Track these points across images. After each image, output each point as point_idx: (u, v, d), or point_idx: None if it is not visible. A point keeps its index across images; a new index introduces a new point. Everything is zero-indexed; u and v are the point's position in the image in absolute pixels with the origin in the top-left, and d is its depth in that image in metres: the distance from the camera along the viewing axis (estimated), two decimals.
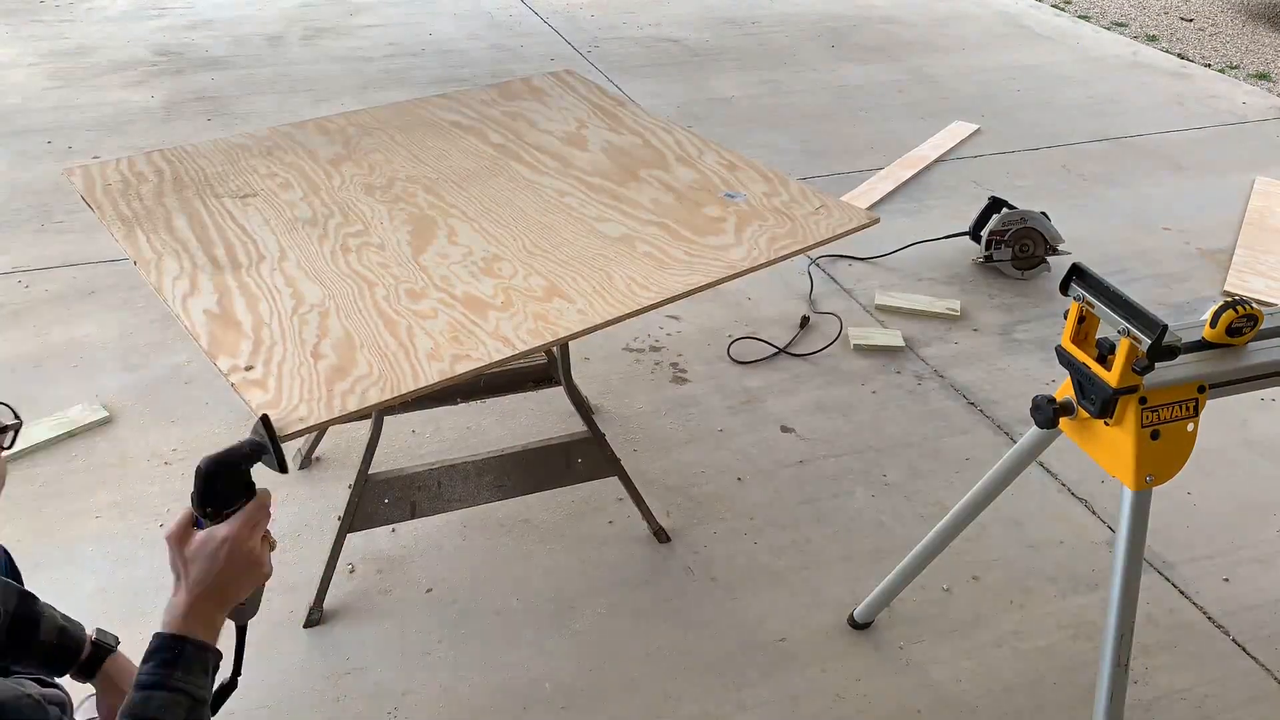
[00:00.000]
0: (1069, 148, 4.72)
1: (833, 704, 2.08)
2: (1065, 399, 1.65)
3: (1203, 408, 1.60)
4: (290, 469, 2.60)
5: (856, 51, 5.83)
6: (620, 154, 2.37)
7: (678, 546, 2.44)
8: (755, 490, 2.62)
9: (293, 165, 2.27)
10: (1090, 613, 2.30)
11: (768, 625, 2.25)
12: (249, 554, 1.22)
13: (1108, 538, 2.51)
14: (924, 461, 2.74)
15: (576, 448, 2.30)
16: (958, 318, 3.37)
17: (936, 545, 2.02)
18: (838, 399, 2.97)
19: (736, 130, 4.69)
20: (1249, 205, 4.21)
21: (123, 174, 2.20)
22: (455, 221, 2.07)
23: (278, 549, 1.35)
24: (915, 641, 2.22)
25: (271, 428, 1.32)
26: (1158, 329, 1.44)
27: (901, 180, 4.28)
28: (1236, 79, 5.81)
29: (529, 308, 1.79)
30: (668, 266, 1.93)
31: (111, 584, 2.27)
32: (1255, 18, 7.11)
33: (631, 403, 2.91)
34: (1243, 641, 2.26)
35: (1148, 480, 1.58)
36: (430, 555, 2.38)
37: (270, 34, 5.73)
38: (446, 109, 2.58)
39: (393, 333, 1.71)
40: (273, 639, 2.16)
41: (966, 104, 5.16)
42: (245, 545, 1.21)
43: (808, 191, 2.23)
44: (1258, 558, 2.49)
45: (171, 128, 4.51)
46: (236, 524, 1.21)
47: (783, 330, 3.26)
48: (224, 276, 1.86)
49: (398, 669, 2.11)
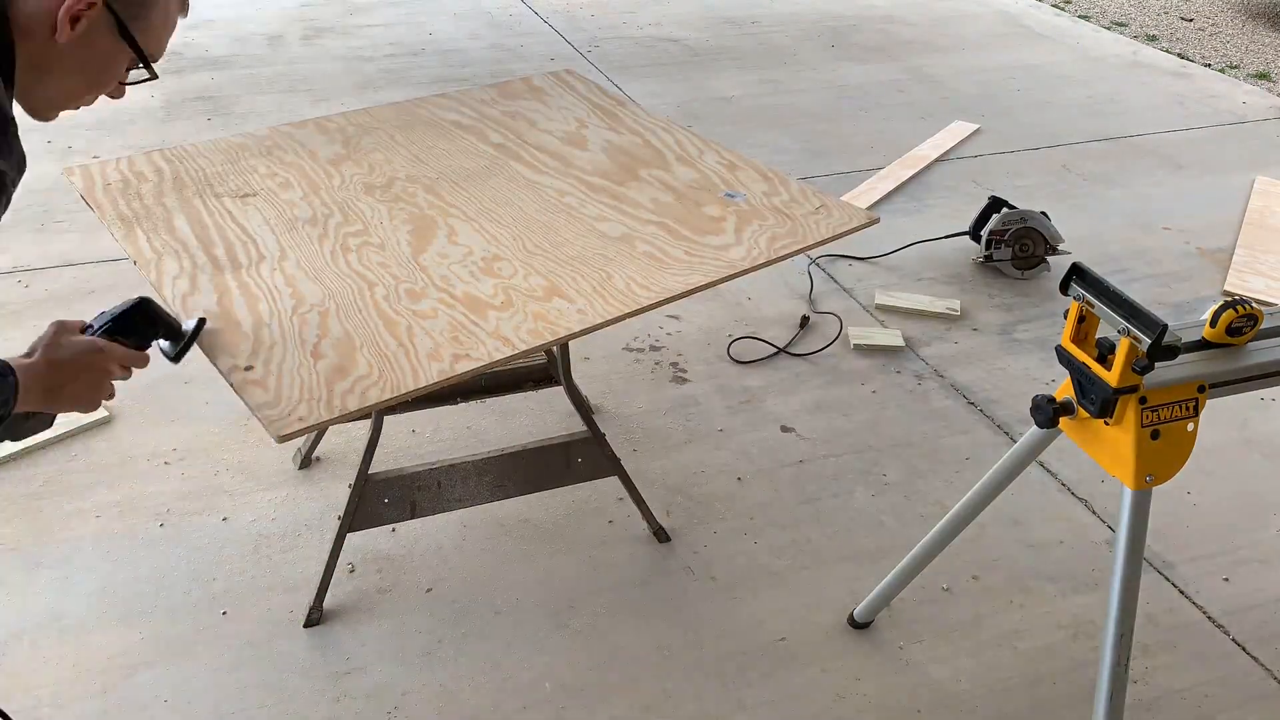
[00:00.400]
0: (1069, 147, 4.71)
1: (833, 704, 2.08)
2: (1065, 399, 1.65)
3: (1203, 407, 1.60)
4: (290, 469, 2.60)
5: (856, 51, 5.83)
6: (620, 153, 2.37)
7: (678, 546, 2.44)
8: (755, 490, 2.62)
9: (293, 165, 2.27)
10: (1090, 613, 2.30)
11: (768, 625, 2.25)
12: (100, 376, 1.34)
13: (1108, 537, 2.51)
14: (924, 461, 2.74)
15: (576, 447, 2.30)
16: (958, 317, 3.38)
17: (936, 545, 2.02)
18: (838, 399, 2.97)
19: (736, 130, 4.69)
20: (1249, 205, 4.21)
21: (123, 174, 2.20)
22: (455, 221, 2.07)
23: (278, 547, 1.36)
24: (915, 641, 2.22)
25: (199, 333, 1.55)
26: (1158, 329, 1.44)
27: (901, 180, 4.28)
28: (1236, 79, 5.81)
29: (529, 307, 1.79)
30: (668, 266, 1.93)
31: (111, 583, 2.27)
32: (1255, 17, 7.11)
33: (631, 402, 2.91)
34: (1242, 641, 2.26)
35: (1148, 480, 1.58)
36: (430, 555, 2.38)
37: (270, 33, 5.73)
38: (446, 108, 2.58)
39: (393, 332, 1.71)
40: (272, 638, 2.16)
41: (966, 104, 5.16)
42: (101, 364, 1.34)
43: (808, 191, 2.23)
44: (1258, 558, 2.49)
45: (171, 127, 4.51)
46: (116, 348, 1.36)
47: (783, 330, 3.26)
48: (224, 276, 1.86)
49: (398, 669, 2.11)
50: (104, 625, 2.18)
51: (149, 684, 2.05)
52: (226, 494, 2.52)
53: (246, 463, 2.62)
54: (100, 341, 1.35)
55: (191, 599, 2.24)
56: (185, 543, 2.39)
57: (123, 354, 1.37)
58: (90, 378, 1.34)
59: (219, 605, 2.23)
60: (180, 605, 2.21)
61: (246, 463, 2.62)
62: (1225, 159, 4.67)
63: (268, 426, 1.50)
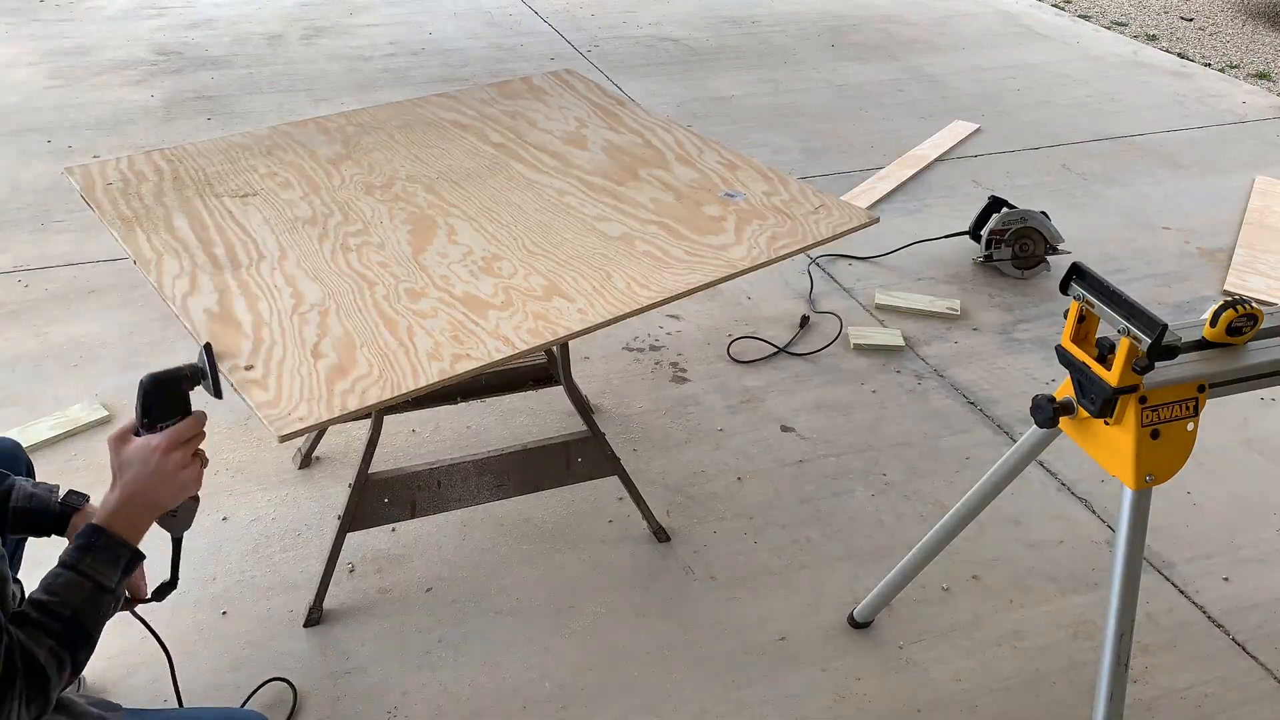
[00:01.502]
0: (1069, 147, 4.72)
1: (833, 704, 2.08)
2: (1065, 398, 1.65)
3: (1203, 407, 1.60)
4: (290, 468, 2.60)
5: (856, 51, 5.83)
6: (620, 153, 2.37)
7: (677, 546, 2.44)
8: (755, 490, 2.62)
9: (293, 164, 2.27)
10: (1090, 612, 2.30)
11: (768, 625, 2.25)
12: (178, 462, 1.35)
13: (1107, 537, 2.51)
14: (924, 461, 2.74)
15: (576, 447, 2.30)
16: (958, 317, 3.37)
17: (936, 545, 2.02)
18: (838, 398, 2.97)
19: (736, 129, 4.69)
20: (1249, 204, 4.21)
21: (123, 173, 2.20)
22: (455, 221, 2.07)
23: (278, 547, 1.37)
24: (915, 641, 2.22)
25: (213, 355, 1.46)
26: (1158, 328, 1.44)
27: (901, 180, 4.28)
28: (1236, 78, 5.81)
29: (529, 307, 1.79)
30: (668, 266, 1.93)
31: None
32: (1255, 17, 7.11)
33: (631, 402, 2.91)
34: (1242, 641, 2.26)
35: (1148, 479, 1.58)
36: (430, 555, 2.38)
37: (270, 33, 5.73)
38: (446, 108, 2.58)
39: (393, 332, 1.71)
40: (272, 638, 2.16)
41: (966, 103, 5.16)
42: (175, 454, 1.34)
43: (808, 191, 2.23)
44: (1258, 557, 2.49)
45: (171, 127, 4.51)
46: (169, 434, 1.35)
47: (783, 330, 3.26)
48: (224, 276, 1.86)
49: (397, 669, 2.11)
50: (105, 623, 2.17)
51: (148, 684, 2.05)
52: (226, 494, 2.52)
53: (246, 463, 2.62)
54: (154, 438, 1.34)
55: (191, 599, 2.24)
56: (185, 542, 2.38)
57: (177, 431, 1.36)
58: (170, 475, 1.34)
59: (219, 605, 2.23)
60: (180, 605, 2.21)
61: (246, 463, 2.62)
62: (1225, 159, 4.67)
63: (268, 426, 1.50)
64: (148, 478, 1.32)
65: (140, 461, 1.32)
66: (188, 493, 1.38)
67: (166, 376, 1.38)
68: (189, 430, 1.37)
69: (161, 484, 1.33)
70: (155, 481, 1.32)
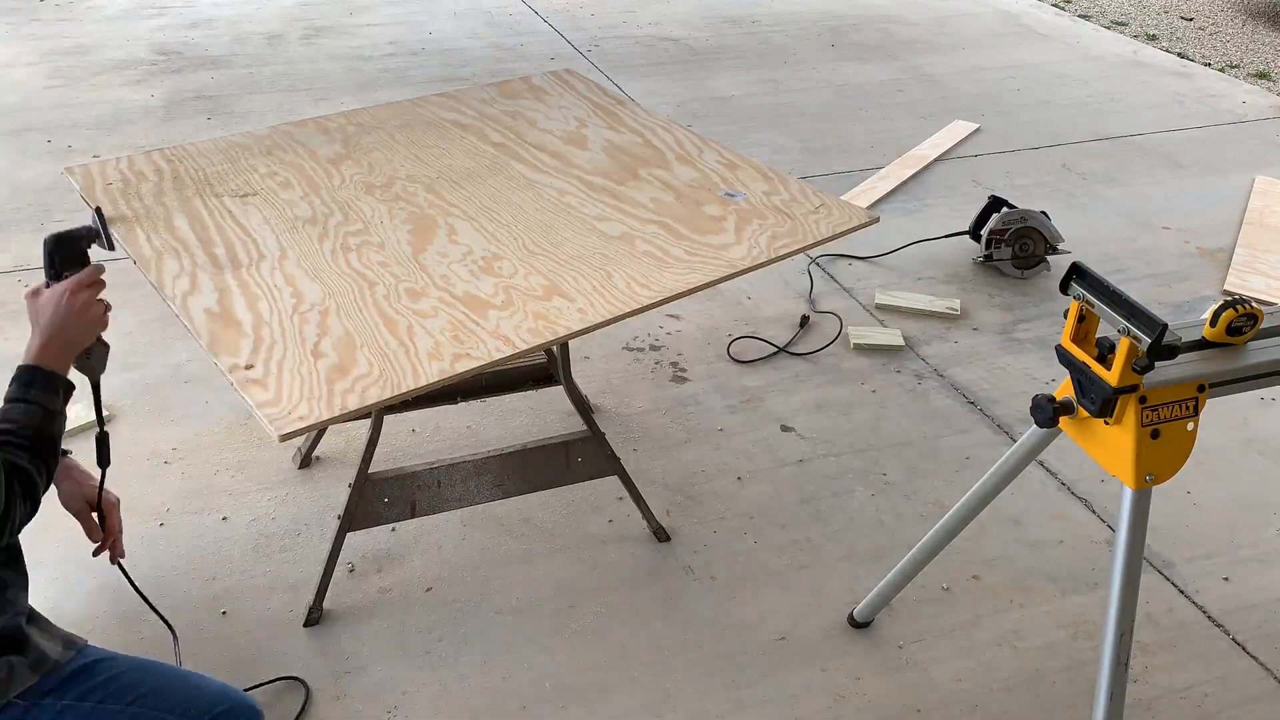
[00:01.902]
0: (1069, 147, 4.71)
1: (833, 703, 2.08)
2: (1065, 398, 1.65)
3: (1203, 407, 1.60)
4: (290, 468, 2.60)
5: (856, 50, 5.83)
6: (620, 153, 2.37)
7: (677, 546, 2.44)
8: (755, 490, 2.62)
9: (293, 164, 2.27)
10: (1090, 612, 2.30)
11: (768, 625, 2.25)
12: (85, 301, 1.54)
13: (1107, 537, 2.51)
14: (924, 461, 2.74)
15: (576, 447, 2.30)
16: (958, 317, 3.38)
17: (936, 544, 2.02)
18: (837, 398, 2.97)
19: (736, 129, 4.69)
20: (1249, 204, 4.21)
21: (122, 173, 2.20)
22: (455, 220, 2.07)
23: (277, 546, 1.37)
24: (915, 641, 2.22)
25: (103, 216, 1.69)
26: (1158, 328, 1.44)
27: (901, 179, 4.28)
28: (1236, 78, 5.81)
29: (529, 306, 1.79)
30: (668, 265, 1.93)
31: (110, 582, 2.27)
32: (1255, 17, 7.11)
33: (631, 402, 2.91)
34: (1242, 640, 2.26)
35: (1148, 479, 1.58)
36: (430, 554, 2.38)
37: (270, 33, 5.73)
38: (446, 108, 2.58)
39: (393, 332, 1.71)
40: (272, 638, 2.16)
41: (966, 103, 5.16)
42: (81, 295, 1.53)
43: (808, 190, 2.23)
44: (1258, 557, 2.49)
45: (171, 127, 4.50)
46: (74, 280, 1.54)
47: (783, 329, 3.26)
48: (224, 275, 1.86)
49: (397, 668, 2.11)
50: (104, 625, 2.18)
51: None
52: (226, 493, 2.52)
53: (246, 462, 2.62)
54: (59, 286, 1.54)
55: (191, 599, 2.24)
56: (185, 542, 2.39)
57: (79, 278, 1.55)
58: (79, 314, 1.53)
59: (219, 605, 2.23)
60: (180, 605, 2.21)
61: (246, 462, 2.62)
62: (1225, 158, 4.67)
63: (268, 425, 1.50)
64: (61, 318, 1.51)
65: (52, 305, 1.51)
66: (96, 329, 1.57)
67: (66, 235, 1.59)
68: (90, 276, 1.56)
69: (74, 321, 1.52)
70: (69, 320, 1.52)
